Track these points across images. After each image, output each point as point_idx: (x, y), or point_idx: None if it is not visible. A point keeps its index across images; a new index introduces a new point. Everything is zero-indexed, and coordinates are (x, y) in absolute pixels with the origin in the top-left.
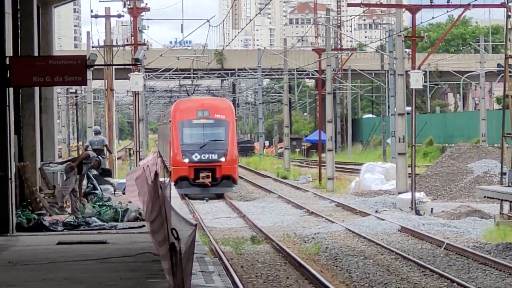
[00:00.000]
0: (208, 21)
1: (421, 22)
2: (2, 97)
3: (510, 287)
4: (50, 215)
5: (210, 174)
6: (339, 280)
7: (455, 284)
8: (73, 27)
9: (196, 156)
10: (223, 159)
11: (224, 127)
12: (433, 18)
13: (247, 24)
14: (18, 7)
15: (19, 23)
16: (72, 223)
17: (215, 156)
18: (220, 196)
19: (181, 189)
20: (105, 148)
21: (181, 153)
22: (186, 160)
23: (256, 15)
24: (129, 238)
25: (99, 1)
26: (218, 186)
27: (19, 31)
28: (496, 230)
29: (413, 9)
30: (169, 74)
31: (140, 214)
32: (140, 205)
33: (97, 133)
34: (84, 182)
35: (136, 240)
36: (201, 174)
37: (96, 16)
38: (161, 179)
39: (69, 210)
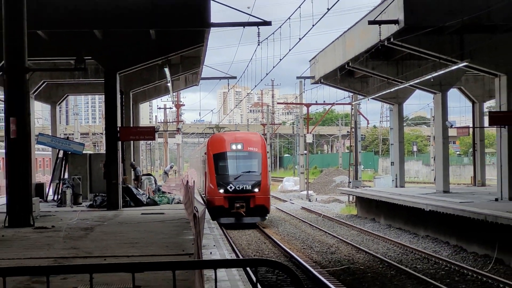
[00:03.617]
0: (211, 111)
1: (312, 111)
2: (115, 146)
3: (351, 234)
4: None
5: (244, 204)
6: (272, 232)
7: (327, 233)
8: (148, 112)
9: (231, 187)
10: (256, 189)
11: (257, 159)
12: (317, 109)
13: (229, 112)
14: (123, 103)
15: (123, 111)
16: (148, 203)
17: (249, 187)
18: (253, 226)
19: (217, 218)
20: (170, 171)
21: (217, 184)
22: (222, 191)
23: (234, 107)
24: (175, 211)
25: (161, 101)
26: (252, 216)
27: (123, 115)
28: (346, 208)
29: (308, 105)
30: (193, 135)
31: (180, 200)
32: (178, 196)
33: (171, 166)
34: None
35: (178, 212)
36: (236, 204)
37: (159, 108)
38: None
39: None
